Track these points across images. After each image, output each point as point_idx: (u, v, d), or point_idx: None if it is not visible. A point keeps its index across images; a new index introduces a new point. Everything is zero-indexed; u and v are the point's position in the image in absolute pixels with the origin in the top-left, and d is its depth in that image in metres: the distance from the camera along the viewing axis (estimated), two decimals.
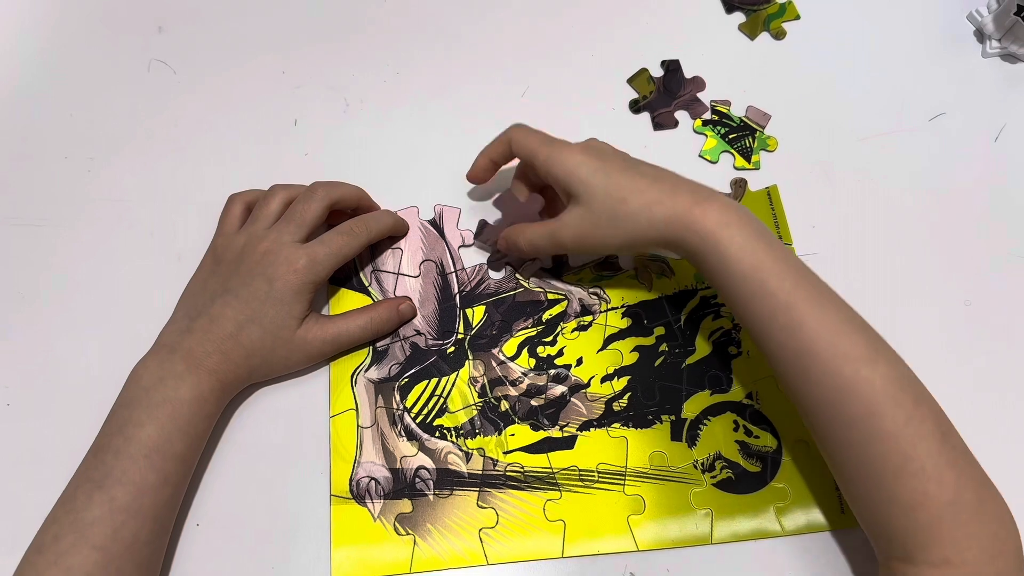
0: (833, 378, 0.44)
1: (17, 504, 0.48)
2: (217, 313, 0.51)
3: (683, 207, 0.48)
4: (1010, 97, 0.65)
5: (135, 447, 0.46)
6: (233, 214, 0.55)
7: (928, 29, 0.67)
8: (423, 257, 0.58)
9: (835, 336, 0.45)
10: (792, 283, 0.46)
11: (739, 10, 0.67)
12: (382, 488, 0.52)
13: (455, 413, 0.54)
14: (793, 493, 0.52)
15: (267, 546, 0.50)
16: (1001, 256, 0.59)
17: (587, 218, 0.50)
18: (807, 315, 0.45)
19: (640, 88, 0.64)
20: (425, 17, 0.67)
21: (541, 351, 0.56)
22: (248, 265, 0.52)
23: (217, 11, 0.66)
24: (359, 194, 0.57)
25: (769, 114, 0.63)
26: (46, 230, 0.59)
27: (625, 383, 0.55)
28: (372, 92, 0.64)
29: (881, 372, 0.44)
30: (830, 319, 0.45)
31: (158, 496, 0.46)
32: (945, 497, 0.42)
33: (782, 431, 0.54)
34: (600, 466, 0.53)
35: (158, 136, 0.62)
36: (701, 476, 0.53)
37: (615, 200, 0.49)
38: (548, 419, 0.54)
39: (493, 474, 0.53)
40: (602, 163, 0.50)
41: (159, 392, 0.48)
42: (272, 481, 0.52)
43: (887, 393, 0.43)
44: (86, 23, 0.66)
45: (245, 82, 0.64)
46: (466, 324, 0.56)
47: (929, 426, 0.43)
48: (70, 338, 0.56)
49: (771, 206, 0.59)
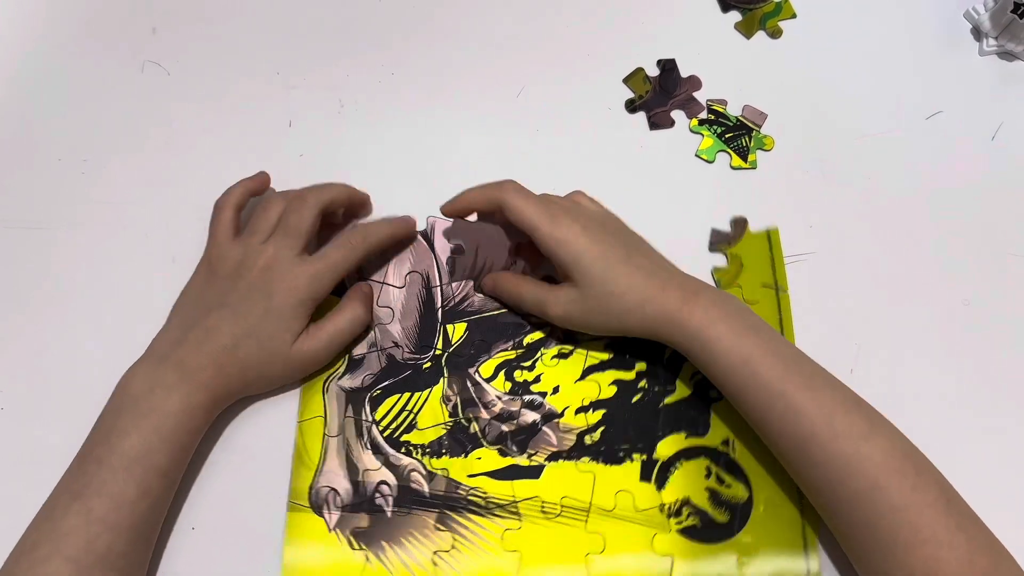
0: (834, 458, 0.45)
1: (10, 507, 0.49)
2: (213, 326, 0.50)
3: (673, 306, 0.49)
4: (1007, 95, 0.64)
5: (117, 458, 0.46)
6: (224, 221, 0.54)
7: (924, 27, 0.66)
8: (409, 268, 0.57)
9: (831, 417, 0.45)
10: (782, 370, 0.47)
11: (735, 9, 0.67)
12: (341, 499, 0.51)
13: (424, 430, 0.53)
14: (760, 547, 0.50)
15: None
16: (1000, 255, 0.58)
17: (580, 302, 0.51)
18: (802, 401, 0.46)
19: (636, 87, 0.64)
20: (420, 17, 0.66)
21: (518, 375, 0.55)
22: (247, 280, 0.51)
23: (211, 12, 0.66)
24: (348, 192, 0.56)
25: (765, 113, 0.62)
26: (40, 232, 0.59)
27: (600, 416, 0.54)
28: (367, 93, 0.63)
29: (881, 446, 0.45)
30: (825, 401, 0.46)
31: (136, 509, 0.45)
32: (959, 561, 0.42)
33: (755, 483, 0.52)
34: (564, 499, 0.52)
35: (152, 138, 0.62)
36: (666, 521, 0.51)
37: (610, 294, 0.50)
38: (517, 446, 0.53)
39: (455, 496, 0.52)
40: (603, 252, 0.50)
41: (147, 402, 0.47)
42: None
43: (889, 466, 0.44)
44: (79, 25, 0.66)
45: (239, 83, 0.64)
46: (445, 340, 0.56)
47: (935, 493, 0.44)
48: (64, 341, 0.56)
49: (770, 249, 0.57)
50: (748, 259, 0.57)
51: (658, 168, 0.61)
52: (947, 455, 0.46)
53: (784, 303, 0.56)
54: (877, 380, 0.53)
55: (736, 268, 0.57)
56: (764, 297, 0.56)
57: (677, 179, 0.61)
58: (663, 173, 0.61)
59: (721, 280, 0.57)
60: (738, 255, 0.57)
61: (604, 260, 0.50)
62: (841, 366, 0.53)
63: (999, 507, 0.44)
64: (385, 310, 0.56)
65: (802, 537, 0.50)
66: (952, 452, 0.46)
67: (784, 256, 0.57)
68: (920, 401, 0.53)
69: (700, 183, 0.61)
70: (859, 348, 0.55)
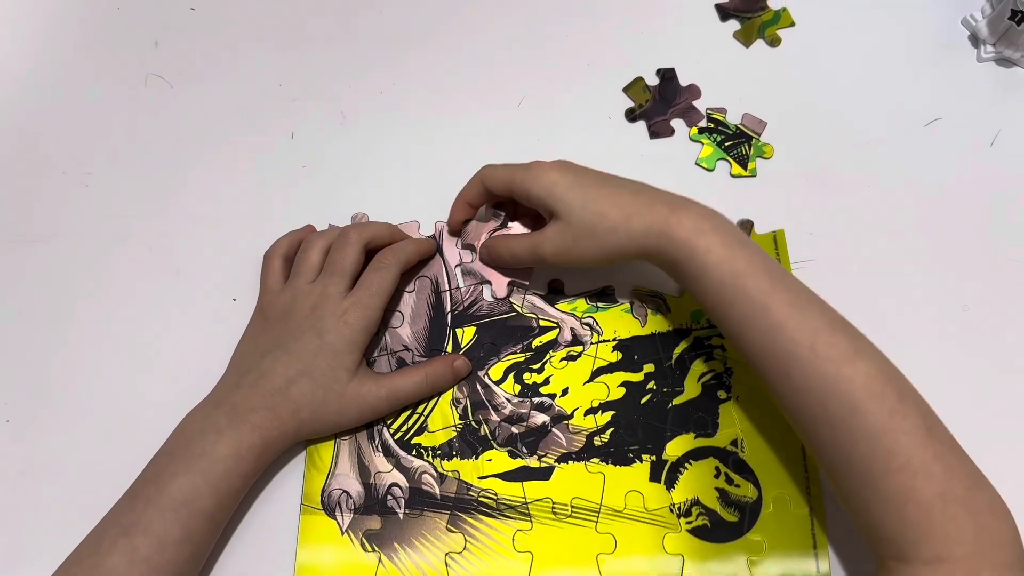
0: (814, 379, 0.44)
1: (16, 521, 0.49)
2: (267, 368, 0.50)
3: (660, 217, 0.48)
4: (1005, 101, 0.64)
5: (165, 498, 0.46)
6: (274, 270, 0.55)
7: (922, 35, 0.67)
8: (419, 272, 0.58)
9: (815, 337, 0.45)
10: (769, 285, 0.46)
11: (734, 18, 0.67)
12: (353, 502, 0.52)
13: (434, 433, 0.54)
14: (769, 547, 0.51)
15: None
16: (999, 261, 0.59)
17: (567, 232, 0.50)
18: (786, 317, 0.45)
19: (636, 97, 0.64)
20: (421, 29, 0.66)
21: (527, 378, 0.55)
22: (297, 320, 0.52)
23: (213, 25, 0.67)
24: (389, 230, 0.57)
25: (765, 121, 0.63)
26: (44, 246, 0.59)
27: (609, 418, 0.54)
28: (369, 104, 0.64)
29: (862, 369, 0.44)
30: (809, 320, 0.45)
31: (180, 552, 0.45)
32: (932, 491, 0.41)
33: (764, 482, 0.52)
34: (574, 500, 0.52)
35: (156, 150, 0.62)
36: (676, 521, 0.52)
37: (593, 214, 0.49)
38: (527, 447, 0.53)
39: (466, 498, 0.52)
40: (577, 179, 0.51)
41: (198, 444, 0.48)
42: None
43: (869, 390, 0.43)
44: (82, 38, 0.67)
45: (242, 95, 0.64)
46: (455, 344, 0.56)
47: (914, 421, 0.43)
48: (69, 354, 0.56)
49: (776, 250, 0.58)
50: None
51: (658, 177, 0.60)
52: None
53: None
54: None
55: None
56: None
57: (677, 188, 0.60)
58: (663, 182, 0.60)
59: None
60: None
61: (580, 186, 0.50)
62: None
63: None
64: (395, 314, 0.56)
65: (811, 536, 0.51)
66: None
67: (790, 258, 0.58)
68: None
69: (700, 191, 0.60)
70: None
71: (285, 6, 0.67)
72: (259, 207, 0.60)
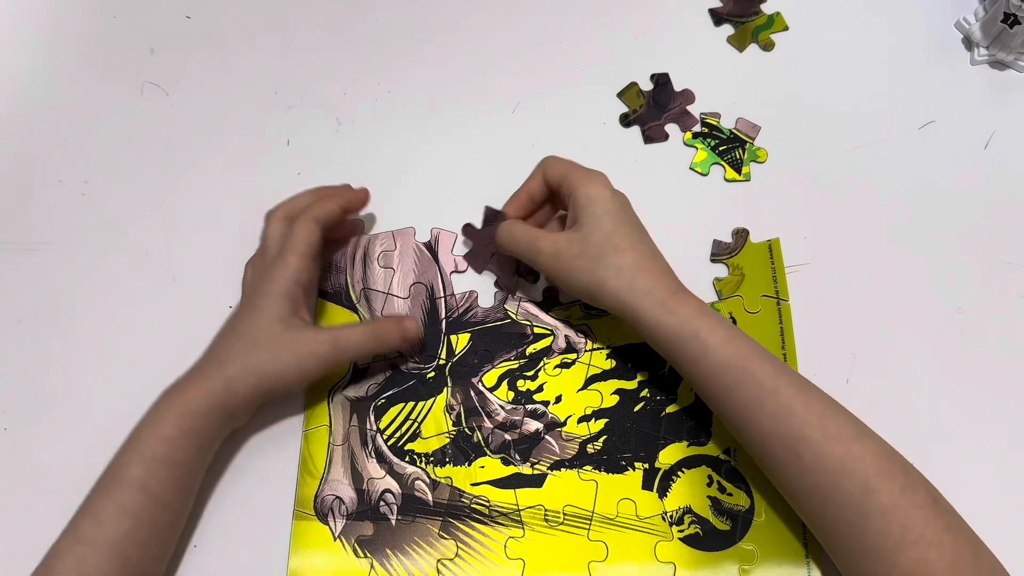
0: (827, 460, 0.45)
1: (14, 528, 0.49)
2: (212, 349, 0.52)
3: (666, 289, 0.49)
4: (999, 104, 0.64)
5: (101, 479, 0.47)
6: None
7: (916, 38, 0.67)
8: (414, 279, 0.58)
9: (823, 419, 0.46)
10: (775, 370, 0.47)
11: (728, 22, 0.67)
12: (346, 508, 0.52)
13: (427, 439, 0.54)
14: (761, 556, 0.51)
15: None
16: (993, 263, 0.59)
17: (576, 245, 0.50)
18: (794, 400, 0.46)
19: (630, 102, 0.64)
20: (415, 35, 0.67)
21: (521, 385, 0.55)
22: (242, 303, 0.53)
23: (209, 33, 0.67)
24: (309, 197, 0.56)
25: (759, 125, 0.63)
26: (41, 254, 0.60)
27: (602, 426, 0.54)
28: (364, 110, 0.64)
29: (871, 448, 0.45)
30: (815, 403, 0.46)
31: (118, 526, 0.45)
32: (945, 562, 0.42)
33: (757, 491, 0.52)
34: (567, 508, 0.52)
35: (152, 158, 0.63)
36: (668, 529, 0.52)
37: (611, 246, 0.50)
38: (520, 455, 0.54)
39: (458, 505, 0.52)
40: (621, 210, 0.51)
41: (137, 428, 0.49)
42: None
43: (879, 468, 0.44)
44: (78, 46, 0.67)
45: (237, 103, 0.64)
46: (449, 350, 0.56)
47: (922, 495, 0.44)
48: (66, 361, 0.56)
49: (771, 259, 0.58)
50: (749, 269, 0.58)
51: (652, 181, 0.61)
52: (943, 463, 0.46)
53: (785, 313, 0.56)
54: (872, 389, 0.54)
55: (738, 278, 0.58)
56: (765, 307, 0.57)
57: (672, 192, 0.61)
58: (657, 186, 0.61)
59: (722, 290, 0.57)
60: (740, 265, 0.58)
61: (617, 217, 0.50)
62: (836, 376, 0.54)
63: (994, 514, 0.45)
64: None
65: (804, 545, 0.51)
66: (948, 460, 0.47)
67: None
68: (915, 410, 0.54)
69: (694, 196, 0.61)
70: (854, 357, 0.55)
71: (280, 14, 0.68)
72: (255, 214, 0.59)
